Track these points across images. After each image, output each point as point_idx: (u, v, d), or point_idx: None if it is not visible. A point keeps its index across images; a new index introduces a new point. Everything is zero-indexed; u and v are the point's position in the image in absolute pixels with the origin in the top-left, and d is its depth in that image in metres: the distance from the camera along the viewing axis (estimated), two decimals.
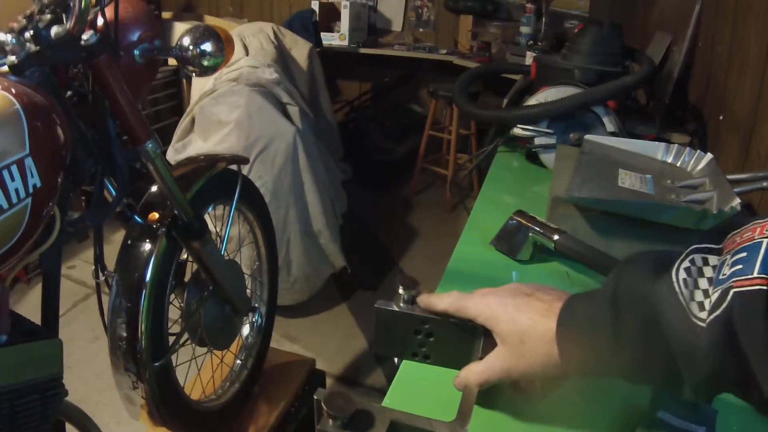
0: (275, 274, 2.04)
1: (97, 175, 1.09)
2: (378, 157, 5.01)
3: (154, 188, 1.42)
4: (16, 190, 0.84)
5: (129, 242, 1.36)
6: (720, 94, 1.91)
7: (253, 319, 1.96)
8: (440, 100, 4.54)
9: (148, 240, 1.35)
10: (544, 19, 3.92)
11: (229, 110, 2.86)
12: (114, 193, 1.23)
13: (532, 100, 1.79)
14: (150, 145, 1.22)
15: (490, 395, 0.73)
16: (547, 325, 0.66)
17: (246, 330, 1.96)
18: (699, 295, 0.53)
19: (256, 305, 1.94)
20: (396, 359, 0.85)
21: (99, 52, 1.07)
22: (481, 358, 0.71)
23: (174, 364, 1.51)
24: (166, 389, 1.44)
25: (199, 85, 3.16)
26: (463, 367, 0.74)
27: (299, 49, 3.72)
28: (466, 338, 0.75)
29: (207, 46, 1.22)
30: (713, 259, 0.55)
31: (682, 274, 0.56)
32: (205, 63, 1.21)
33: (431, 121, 4.73)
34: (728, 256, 0.53)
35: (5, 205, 0.83)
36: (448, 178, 4.68)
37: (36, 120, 0.88)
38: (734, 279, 0.50)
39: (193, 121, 3.01)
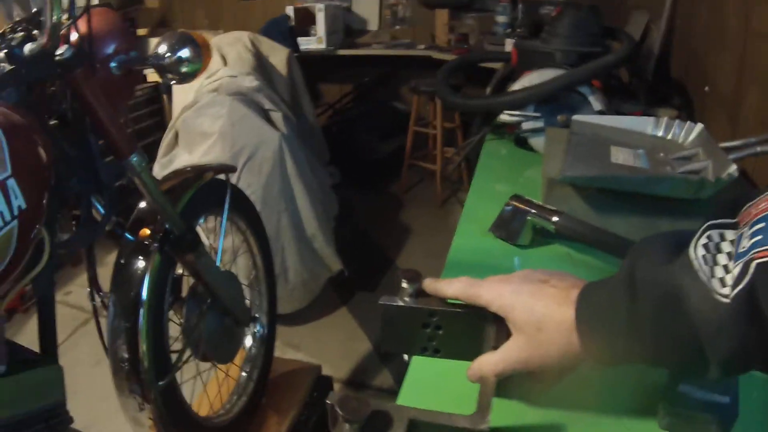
0: (273, 282, 2.03)
1: (83, 194, 1.06)
2: (364, 157, 5.00)
3: (143, 204, 1.40)
4: (1, 213, 0.81)
5: (122, 261, 1.34)
6: (702, 68, 1.91)
7: (255, 330, 1.94)
8: (423, 95, 4.52)
9: (141, 257, 1.33)
10: (520, 7, 3.91)
11: (211, 121, 2.84)
12: (102, 211, 1.21)
13: (516, 86, 1.78)
14: (135, 159, 1.20)
15: (505, 384, 0.71)
16: (565, 314, 0.64)
17: (249, 341, 1.94)
18: (719, 271, 0.52)
19: (257, 315, 1.92)
20: (405, 356, 0.83)
21: (75, 66, 1.05)
22: (494, 347, 0.70)
23: (179, 382, 1.49)
24: (173, 408, 1.42)
25: (181, 99, 3.14)
26: (475, 358, 0.72)
27: (277, 55, 3.70)
28: (476, 328, 0.73)
29: (184, 52, 1.20)
30: (730, 234, 0.54)
31: (701, 251, 0.54)
32: (184, 69, 1.19)
33: (415, 118, 4.71)
34: (746, 229, 0.51)
35: None
36: (437, 172, 4.66)
37: (16, 140, 0.86)
38: (755, 250, 0.48)
39: (176, 135, 2.99)
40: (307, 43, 4.81)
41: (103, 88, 1.10)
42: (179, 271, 1.49)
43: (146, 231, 1.34)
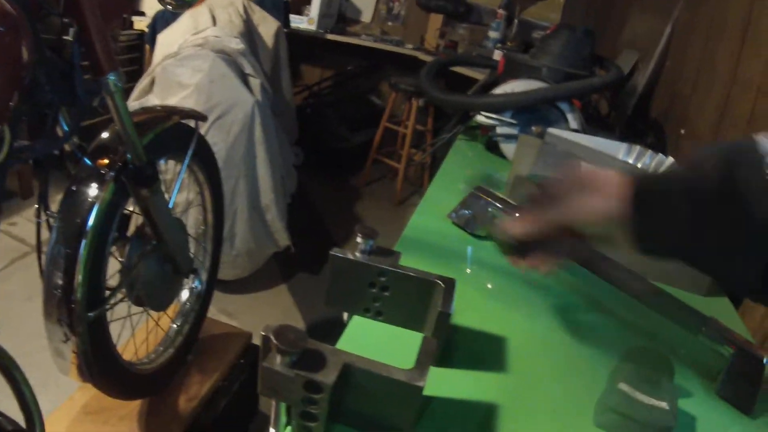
0: (219, 242, 2.00)
1: (53, 104, 1.03)
2: (332, 144, 4.97)
3: (105, 134, 1.37)
4: None
5: (75, 185, 1.30)
6: (683, 110, 1.94)
7: (193, 285, 1.91)
8: (400, 93, 4.53)
9: (95, 184, 1.29)
10: (516, 25, 3.94)
11: (191, 73, 2.80)
12: (66, 128, 1.18)
13: (499, 90, 1.79)
14: (113, 78, 1.17)
15: (445, 355, 0.70)
16: (625, 179, 0.66)
17: (185, 295, 1.91)
18: None
19: (197, 269, 1.89)
20: (345, 316, 0.82)
21: None
22: (442, 312, 0.69)
23: (108, 321, 1.45)
24: (97, 344, 1.38)
25: (163, 51, 3.08)
26: (415, 328, 0.72)
27: (267, 27, 3.66)
28: (423, 295, 0.73)
29: None
30: None
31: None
32: None
33: (389, 114, 4.71)
34: None
35: None
36: (400, 171, 4.66)
37: (3, 25, 0.83)
38: None
39: (152, 82, 2.94)
40: (298, 22, 4.78)
41: (99, 1, 1.08)
42: (129, 208, 1.46)
43: (105, 160, 1.30)
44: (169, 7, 1.19)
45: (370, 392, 0.59)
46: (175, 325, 1.87)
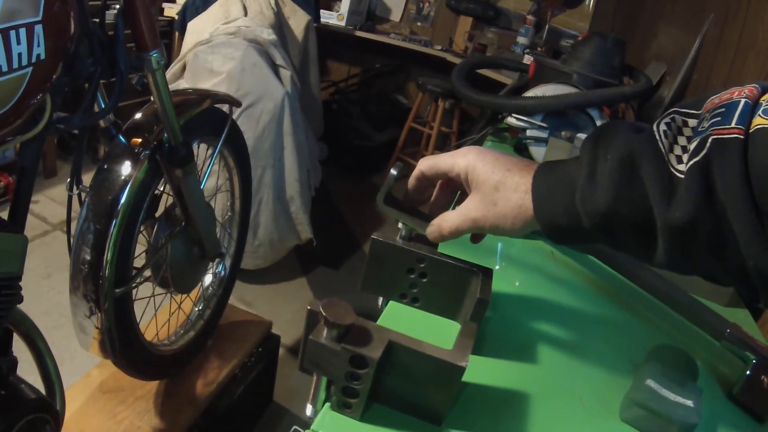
0: (245, 229, 2.01)
1: (94, 76, 1.04)
2: (356, 141, 4.98)
3: (141, 113, 1.38)
4: (20, 55, 0.79)
5: (108, 162, 1.31)
6: None
7: (217, 270, 1.93)
8: (427, 94, 4.53)
9: (129, 162, 1.30)
10: (546, 31, 3.94)
11: (223, 61, 2.82)
12: (103, 105, 1.19)
13: (529, 93, 1.79)
14: (155, 54, 1.19)
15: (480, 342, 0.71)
16: (524, 178, 0.65)
17: (208, 279, 1.92)
18: (678, 149, 0.53)
19: (223, 253, 1.91)
20: (381, 300, 0.82)
21: None
22: (481, 299, 0.69)
23: (133, 299, 1.46)
24: (121, 322, 1.40)
25: (194, 39, 3.10)
26: (450, 316, 0.72)
27: (297, 20, 3.68)
28: (460, 282, 0.73)
29: None
30: (692, 122, 0.55)
31: (663, 127, 0.56)
32: None
33: (415, 114, 4.71)
34: (707, 114, 0.53)
35: (5, 67, 0.78)
36: None
37: None
38: (713, 128, 0.50)
39: (183, 68, 2.96)
40: (328, 17, 4.80)
41: None
42: (160, 188, 1.47)
43: (140, 138, 1.32)
44: None
45: (412, 372, 0.59)
46: (197, 309, 1.89)
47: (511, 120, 1.76)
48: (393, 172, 0.72)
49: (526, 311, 0.94)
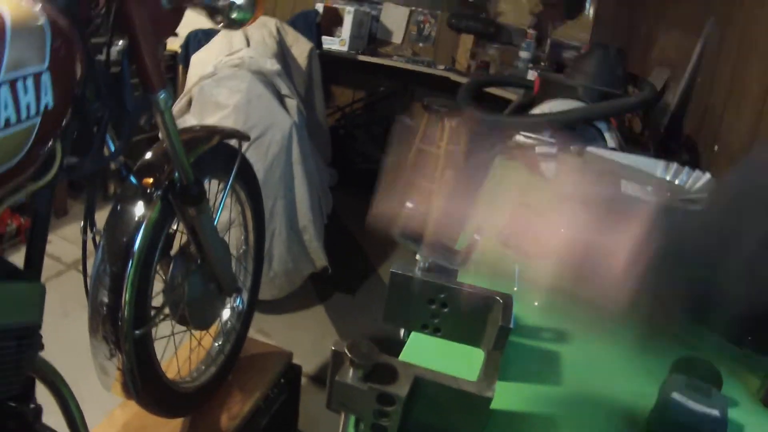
0: (260, 261, 2.02)
1: (103, 119, 1.05)
2: (364, 165, 4.99)
3: (151, 153, 1.39)
4: (28, 106, 0.80)
5: (121, 203, 1.32)
6: (716, 127, 1.93)
7: (235, 304, 1.93)
8: (433, 114, 4.53)
9: (141, 203, 1.31)
10: (549, 44, 3.96)
11: (229, 94, 2.84)
12: (112, 148, 1.19)
13: (536, 110, 1.79)
14: (163, 95, 1.20)
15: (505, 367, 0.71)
16: None
17: (226, 314, 1.92)
18: None
19: (240, 288, 1.91)
20: (403, 332, 0.82)
21: None
22: (502, 326, 0.69)
23: (153, 339, 1.47)
24: (143, 362, 1.40)
25: (198, 71, 3.13)
26: (472, 343, 0.72)
27: (300, 48, 3.71)
28: (482, 310, 0.73)
29: None
30: None
31: None
32: (234, 15, 1.16)
33: (421, 136, 4.71)
34: None
35: (13, 119, 0.79)
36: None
37: (59, 38, 0.85)
38: None
39: (189, 102, 2.98)
40: (330, 43, 4.82)
41: (150, 17, 1.10)
42: (173, 227, 1.47)
43: (151, 179, 1.32)
44: (220, 25, 1.19)
45: (439, 404, 0.59)
46: (217, 344, 1.89)
47: (520, 138, 1.76)
48: (409, 205, 0.72)
49: (546, 332, 0.94)
